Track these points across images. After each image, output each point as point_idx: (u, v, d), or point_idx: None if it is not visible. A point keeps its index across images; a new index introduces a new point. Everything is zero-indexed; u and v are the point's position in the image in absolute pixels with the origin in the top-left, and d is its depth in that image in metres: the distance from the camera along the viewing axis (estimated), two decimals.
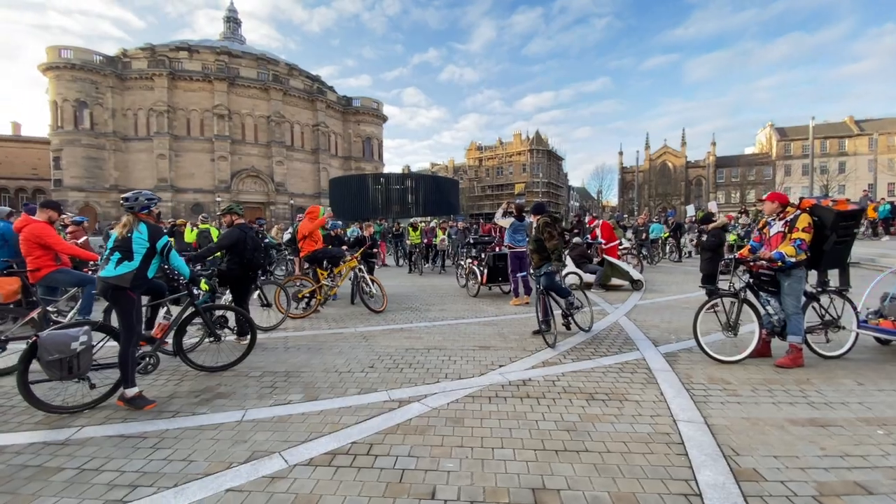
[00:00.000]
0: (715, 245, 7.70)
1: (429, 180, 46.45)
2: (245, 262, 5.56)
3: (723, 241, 7.80)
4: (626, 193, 72.36)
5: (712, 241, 7.76)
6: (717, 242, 7.71)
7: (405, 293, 10.14)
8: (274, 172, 55.89)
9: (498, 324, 6.84)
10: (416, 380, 4.32)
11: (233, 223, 5.81)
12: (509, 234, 8.58)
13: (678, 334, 6.03)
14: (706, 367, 4.61)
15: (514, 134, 78.75)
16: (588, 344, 5.59)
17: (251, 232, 5.73)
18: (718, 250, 7.67)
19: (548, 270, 5.74)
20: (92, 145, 50.08)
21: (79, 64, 49.05)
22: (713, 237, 7.78)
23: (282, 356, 5.23)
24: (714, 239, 7.74)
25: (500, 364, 4.77)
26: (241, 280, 5.73)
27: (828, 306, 4.99)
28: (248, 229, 5.75)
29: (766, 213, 4.86)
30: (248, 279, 5.75)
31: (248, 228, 5.75)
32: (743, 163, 67.94)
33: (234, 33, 65.54)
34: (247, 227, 5.76)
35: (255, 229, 5.87)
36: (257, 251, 5.63)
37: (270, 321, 6.64)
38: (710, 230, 7.96)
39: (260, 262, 5.65)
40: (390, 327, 6.63)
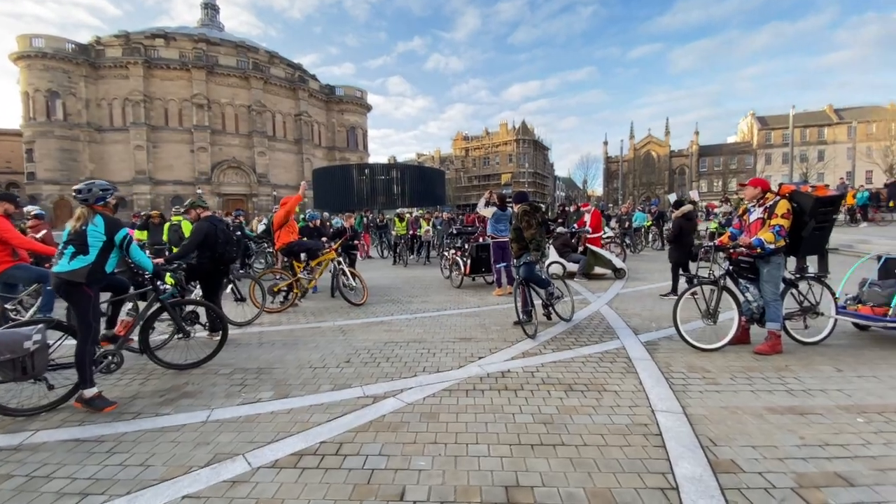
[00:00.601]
0: (679, 233, 7.69)
1: (414, 171, 46.16)
2: (216, 255, 5.35)
3: (686, 229, 7.74)
4: (610, 183, 72.87)
5: (673, 231, 7.78)
6: (680, 231, 7.70)
7: (388, 285, 9.99)
8: (256, 163, 54.80)
9: (480, 315, 6.75)
10: (393, 374, 4.20)
11: (199, 217, 5.58)
12: (492, 224, 8.46)
13: (659, 322, 6.01)
14: (686, 355, 4.57)
15: (501, 124, 78.58)
16: (569, 333, 5.53)
17: (221, 224, 5.51)
18: (684, 238, 7.68)
19: (526, 261, 5.64)
20: (66, 137, 48.45)
21: (50, 53, 47.20)
22: (674, 228, 7.78)
23: (255, 352, 5.06)
24: (677, 228, 7.74)
25: (480, 356, 4.68)
26: (212, 274, 5.52)
27: (806, 292, 4.99)
28: (219, 221, 5.53)
29: (747, 198, 4.81)
30: (219, 273, 5.54)
31: (217, 221, 5.53)
32: (725, 152, 68.89)
33: (213, 20, 63.67)
34: (217, 220, 5.54)
35: (225, 222, 5.64)
36: (229, 244, 5.43)
37: (245, 316, 6.44)
38: (673, 218, 7.97)
39: (232, 256, 5.44)
40: (370, 320, 6.49)
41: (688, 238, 7.77)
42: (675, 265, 7.80)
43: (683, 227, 7.80)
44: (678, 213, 7.97)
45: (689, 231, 7.84)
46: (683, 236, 7.73)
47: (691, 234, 7.79)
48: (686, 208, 8.08)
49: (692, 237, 7.86)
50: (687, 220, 7.94)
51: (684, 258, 7.69)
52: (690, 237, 7.84)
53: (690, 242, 7.73)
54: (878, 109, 55.62)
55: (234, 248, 5.53)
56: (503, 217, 8.37)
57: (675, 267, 7.83)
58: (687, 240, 7.73)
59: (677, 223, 7.85)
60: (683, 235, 7.73)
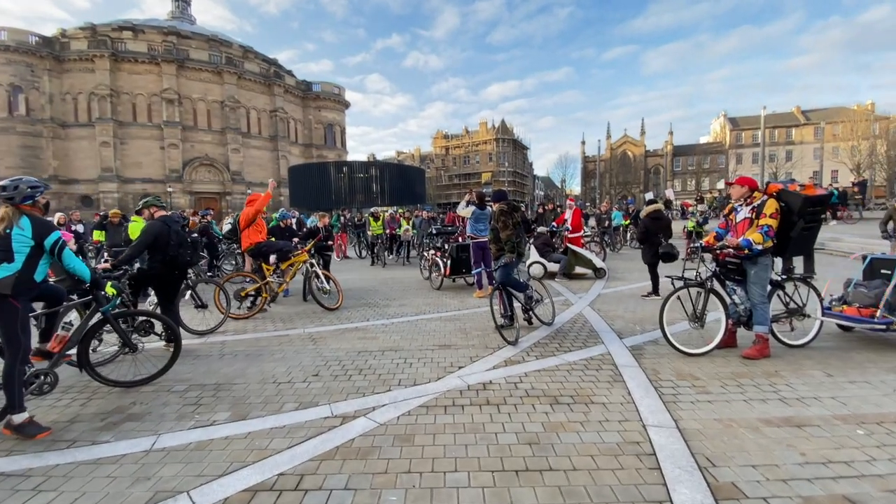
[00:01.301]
0: (646, 234, 7.58)
1: (394, 169, 45.50)
2: (167, 259, 4.90)
3: (653, 229, 7.59)
4: (588, 182, 73.73)
5: (640, 231, 7.68)
6: (646, 231, 7.58)
7: (365, 287, 9.62)
8: (230, 160, 53.18)
9: (461, 318, 6.46)
10: (366, 389, 3.87)
11: (153, 216, 5.13)
12: (471, 224, 8.19)
13: (643, 325, 5.84)
14: (673, 361, 4.39)
15: (481, 122, 78.47)
16: (552, 338, 5.29)
17: (176, 225, 5.06)
18: (652, 238, 7.56)
19: (502, 263, 5.38)
20: (28, 133, 46.00)
21: (13, 46, 44.71)
22: (640, 229, 7.68)
23: (214, 365, 4.65)
24: (643, 228, 7.63)
25: (460, 365, 4.39)
26: (166, 279, 5.07)
27: (792, 294, 4.88)
28: (173, 222, 5.08)
29: (734, 197, 4.66)
30: (174, 278, 5.09)
31: (172, 221, 5.07)
32: (698, 151, 70.45)
33: (184, 13, 61.50)
34: (171, 220, 5.09)
35: (180, 222, 5.19)
36: (182, 247, 4.98)
37: (208, 324, 6.00)
38: (642, 217, 7.81)
39: (186, 260, 4.99)
40: (344, 327, 6.13)
41: (655, 238, 7.65)
42: (650, 266, 7.71)
43: (649, 227, 7.67)
44: (643, 213, 7.85)
45: (655, 231, 7.66)
46: (651, 236, 7.61)
47: (658, 234, 7.61)
48: (651, 208, 7.92)
49: (659, 237, 7.64)
50: (653, 220, 7.79)
51: (655, 258, 7.60)
52: (657, 237, 7.64)
53: (658, 242, 7.58)
54: (843, 111, 57.68)
55: (189, 250, 5.08)
56: (482, 216, 8.10)
57: (650, 268, 7.74)
58: (654, 240, 7.62)
59: (643, 223, 7.73)
60: (650, 235, 7.61)
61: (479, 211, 8.15)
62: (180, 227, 5.08)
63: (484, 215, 8.08)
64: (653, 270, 7.72)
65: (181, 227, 5.08)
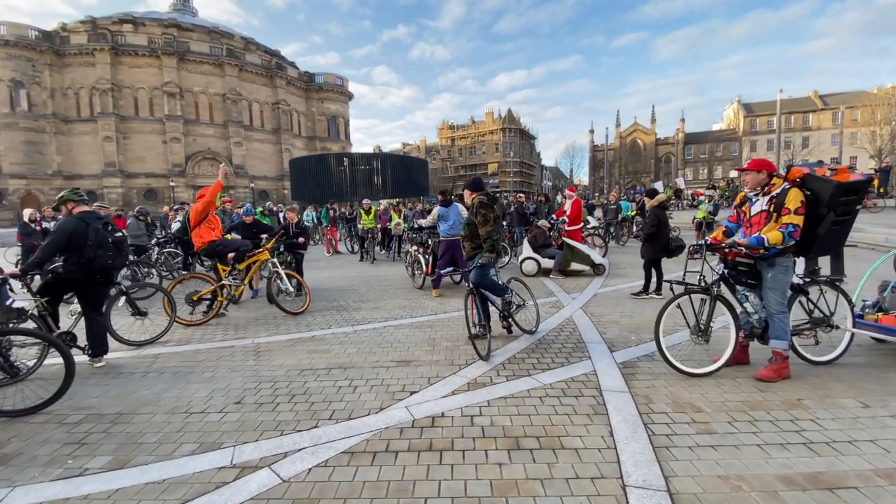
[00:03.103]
0: (655, 227, 6.86)
1: (396, 160, 44.71)
2: (84, 261, 4.24)
3: (664, 220, 6.96)
4: (596, 171, 72.17)
5: (650, 224, 6.93)
6: (658, 223, 6.85)
7: (343, 286, 8.93)
8: (232, 154, 52.87)
9: (433, 325, 5.73)
10: (288, 424, 3.17)
11: (71, 213, 4.45)
12: (440, 226, 7.73)
13: (639, 333, 5.07)
14: (671, 384, 3.62)
15: (487, 112, 77.18)
16: (531, 351, 4.54)
17: (97, 223, 4.38)
18: (662, 231, 6.85)
19: (478, 263, 4.63)
20: (31, 128, 46.16)
21: (12, 40, 44.64)
22: (651, 219, 6.93)
23: (131, 386, 3.98)
24: (653, 220, 6.90)
25: (413, 390, 3.67)
26: (88, 285, 4.41)
27: (817, 300, 4.06)
28: (94, 219, 4.41)
29: (748, 185, 3.83)
30: (96, 283, 4.43)
31: (92, 219, 4.40)
32: (711, 139, 68.49)
33: (185, 5, 61.02)
34: (91, 217, 4.41)
35: (104, 220, 4.51)
36: (102, 248, 4.30)
37: (148, 333, 5.35)
38: (648, 209, 7.11)
39: (107, 262, 4.32)
40: (299, 336, 5.44)
41: (665, 230, 6.91)
42: (650, 262, 6.98)
43: (661, 218, 6.90)
44: (654, 202, 7.06)
45: (666, 223, 6.98)
46: (661, 229, 6.84)
47: (665, 227, 6.95)
48: (662, 196, 7.21)
49: (668, 230, 7.04)
50: (663, 209, 7.09)
51: (661, 254, 6.86)
52: (667, 230, 7.00)
53: (668, 236, 6.90)
54: (863, 95, 55.37)
55: (112, 252, 4.40)
56: (448, 215, 7.62)
57: (649, 264, 7.01)
58: (664, 232, 6.88)
59: (653, 214, 6.94)
60: (661, 228, 6.84)
61: (443, 209, 7.67)
62: (102, 224, 4.40)
63: (447, 213, 7.60)
64: (650, 268, 6.98)
65: (103, 226, 4.39)
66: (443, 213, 7.66)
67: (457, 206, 7.75)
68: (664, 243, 6.82)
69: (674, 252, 6.81)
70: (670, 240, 6.88)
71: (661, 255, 6.89)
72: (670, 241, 6.86)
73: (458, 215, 7.58)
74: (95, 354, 4.54)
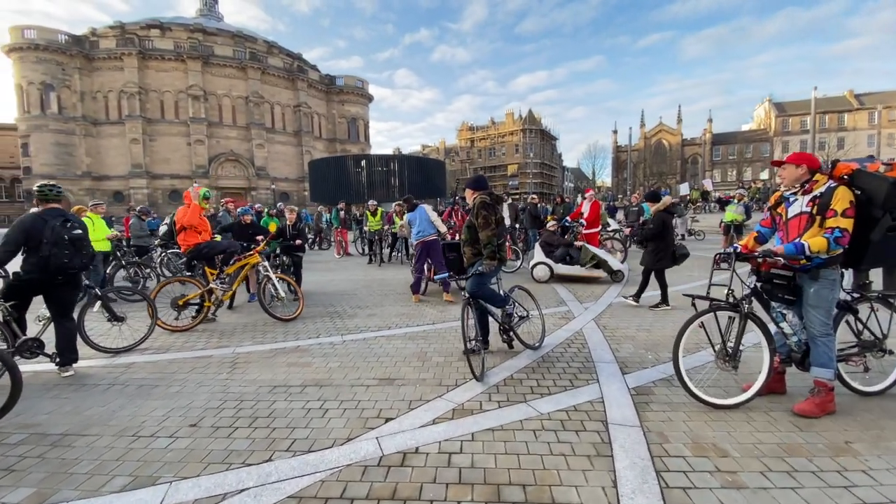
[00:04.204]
0: (658, 233, 6.32)
1: (413, 162, 44.52)
2: (40, 260, 3.96)
3: (670, 224, 6.44)
4: (620, 173, 70.47)
5: (653, 229, 6.39)
6: (660, 229, 6.32)
7: (345, 290, 8.57)
8: (254, 156, 53.63)
9: (429, 336, 5.28)
10: (239, 455, 2.76)
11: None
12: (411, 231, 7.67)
13: (657, 350, 4.51)
14: (691, 417, 3.08)
15: (507, 113, 76.38)
16: (531, 371, 4.04)
17: (55, 221, 4.09)
18: (664, 238, 6.32)
19: (476, 271, 4.16)
20: (61, 130, 47.65)
21: (43, 44, 46.25)
22: (656, 223, 6.40)
23: (89, 401, 3.66)
24: (656, 226, 6.37)
25: (390, 416, 3.22)
26: (50, 286, 4.13)
27: (867, 320, 3.44)
28: (53, 217, 4.13)
29: (785, 182, 3.26)
30: (58, 285, 4.15)
31: (52, 216, 4.12)
32: (740, 139, 65.99)
33: (211, 10, 62.28)
34: (51, 214, 4.14)
35: (64, 216, 4.21)
36: (58, 246, 3.99)
37: (126, 339, 5.07)
38: (653, 214, 6.57)
39: (63, 261, 4.00)
40: (283, 346, 5.06)
41: (670, 236, 6.40)
42: (657, 272, 6.48)
43: (667, 221, 6.40)
44: (659, 205, 6.52)
45: (671, 227, 6.51)
46: (667, 233, 6.33)
47: (670, 233, 6.46)
48: (667, 199, 6.69)
49: (674, 236, 6.58)
50: (669, 213, 6.58)
51: (668, 263, 6.35)
52: (672, 235, 6.51)
53: (672, 242, 6.40)
54: None
55: (67, 250, 4.08)
56: (415, 219, 7.56)
57: (655, 274, 6.50)
58: (669, 238, 6.38)
59: (660, 218, 6.41)
60: (667, 232, 6.33)
61: (411, 215, 7.61)
62: (61, 221, 4.10)
63: (416, 216, 7.56)
64: (659, 276, 6.47)
65: (62, 223, 4.09)
66: (410, 219, 7.63)
67: (422, 209, 7.62)
68: (671, 250, 6.33)
69: (677, 260, 6.35)
70: (675, 247, 6.40)
71: (667, 264, 6.38)
72: (675, 248, 6.39)
73: (424, 217, 7.51)
74: (63, 363, 4.26)
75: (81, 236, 4.15)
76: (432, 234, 7.44)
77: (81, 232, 4.17)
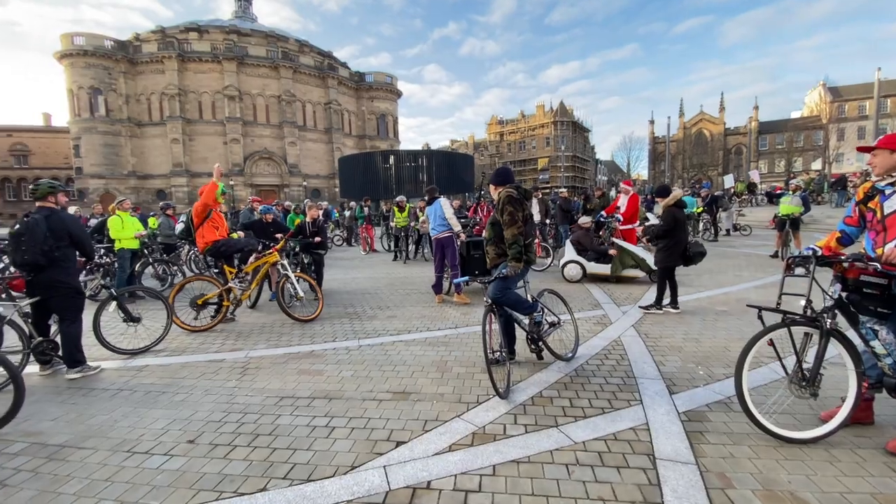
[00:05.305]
0: (668, 229, 5.78)
1: (441, 157, 44.07)
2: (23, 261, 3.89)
3: (680, 221, 5.85)
4: (657, 165, 67.72)
5: (663, 225, 5.84)
6: (670, 226, 5.77)
7: (367, 289, 8.31)
8: (287, 154, 54.70)
9: (450, 342, 4.91)
10: (232, 481, 2.48)
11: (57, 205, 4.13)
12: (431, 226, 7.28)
13: (710, 364, 3.97)
14: (758, 453, 2.57)
15: (538, 105, 74.72)
16: (563, 387, 3.60)
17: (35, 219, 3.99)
18: (675, 235, 5.78)
19: (500, 274, 3.74)
20: (108, 132, 50.03)
21: (91, 50, 48.59)
22: (666, 219, 5.84)
23: (92, 408, 3.50)
24: (665, 222, 5.82)
25: (401, 439, 2.87)
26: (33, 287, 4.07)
27: None
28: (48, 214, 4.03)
29: (878, 171, 2.68)
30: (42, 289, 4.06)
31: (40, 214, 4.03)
32: (790, 128, 61.79)
33: (246, 12, 63.76)
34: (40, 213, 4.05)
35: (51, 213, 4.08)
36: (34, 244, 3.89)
37: (142, 340, 4.96)
38: (662, 210, 5.97)
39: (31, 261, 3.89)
40: (298, 350, 4.81)
41: (682, 234, 5.87)
42: (666, 271, 5.91)
43: (678, 217, 5.84)
44: (668, 200, 5.94)
45: (683, 224, 5.94)
46: (678, 231, 5.80)
47: (683, 230, 5.92)
48: (678, 193, 6.07)
49: (686, 233, 6.03)
50: (679, 208, 5.99)
51: (677, 262, 5.83)
52: (685, 233, 5.96)
53: (684, 239, 5.88)
54: None
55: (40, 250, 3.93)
56: (432, 214, 7.18)
57: (665, 273, 5.91)
58: (681, 236, 5.85)
59: (670, 213, 5.87)
60: (678, 230, 5.79)
61: (429, 209, 7.22)
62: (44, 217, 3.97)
63: (432, 211, 7.15)
64: (664, 278, 5.91)
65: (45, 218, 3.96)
66: (429, 213, 7.29)
67: (438, 203, 7.17)
68: (682, 248, 5.83)
69: (691, 259, 5.90)
70: (688, 245, 5.89)
71: (676, 262, 5.85)
72: (688, 246, 5.88)
73: (438, 212, 7.08)
74: (69, 365, 4.16)
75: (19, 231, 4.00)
76: (446, 230, 7.01)
77: (19, 227, 4.02)
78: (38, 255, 3.86)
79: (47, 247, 3.89)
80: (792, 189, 11.32)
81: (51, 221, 4.00)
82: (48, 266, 3.96)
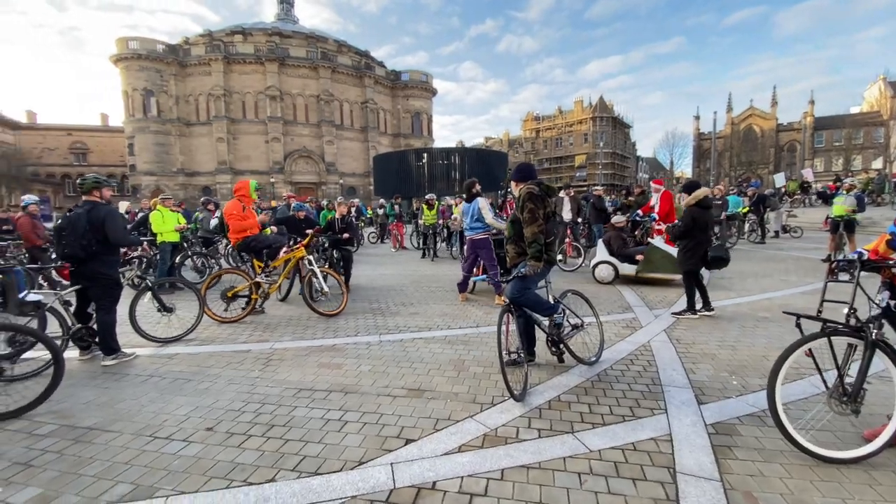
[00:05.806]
0: (687, 230, 5.49)
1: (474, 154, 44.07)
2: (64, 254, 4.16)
3: (703, 221, 5.51)
4: (702, 162, 64.77)
5: (681, 226, 5.56)
6: (693, 224, 5.46)
7: (392, 286, 8.36)
8: (324, 152, 56.10)
9: (470, 341, 4.85)
10: (243, 470, 2.53)
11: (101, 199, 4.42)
12: (465, 224, 6.93)
13: (745, 374, 3.72)
14: (790, 474, 2.38)
15: (576, 101, 73.06)
16: (583, 393, 3.47)
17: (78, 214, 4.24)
18: (695, 236, 5.48)
19: (518, 273, 3.64)
20: (160, 132, 52.92)
21: (144, 54, 51.49)
22: (684, 219, 5.53)
23: (123, 393, 3.67)
24: (684, 223, 5.53)
25: (411, 437, 2.84)
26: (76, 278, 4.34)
27: None
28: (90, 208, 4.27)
29: None
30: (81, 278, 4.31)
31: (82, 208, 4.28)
32: (848, 124, 57.47)
33: (288, 14, 65.76)
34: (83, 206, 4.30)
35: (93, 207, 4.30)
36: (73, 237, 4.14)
37: (175, 329, 5.19)
38: (684, 207, 5.62)
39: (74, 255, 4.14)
40: (319, 343, 4.89)
41: (704, 234, 5.55)
42: (689, 274, 5.61)
43: (699, 219, 5.48)
44: (690, 198, 5.58)
45: (705, 225, 5.57)
46: (698, 231, 5.48)
47: (709, 230, 5.65)
48: (701, 192, 5.64)
49: (708, 234, 5.68)
50: (702, 208, 5.59)
51: (697, 265, 5.54)
52: (707, 234, 5.63)
53: (706, 240, 5.57)
54: None
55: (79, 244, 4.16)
56: (467, 210, 6.83)
57: (687, 276, 5.62)
58: (703, 237, 5.53)
59: (688, 213, 5.56)
60: (698, 230, 5.47)
61: (466, 206, 6.90)
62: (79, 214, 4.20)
63: (469, 209, 6.79)
64: (691, 280, 5.60)
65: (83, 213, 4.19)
66: (465, 210, 6.99)
67: (477, 202, 6.75)
68: (702, 251, 5.52)
69: (712, 264, 5.62)
70: (708, 248, 5.58)
71: (696, 265, 5.55)
72: (708, 249, 5.58)
73: (474, 210, 6.68)
74: (105, 353, 4.39)
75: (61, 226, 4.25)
76: (482, 231, 6.78)
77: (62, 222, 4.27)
78: (78, 248, 4.10)
79: (86, 241, 4.12)
80: (846, 188, 10.53)
81: (91, 215, 4.22)
82: (88, 259, 4.19)
